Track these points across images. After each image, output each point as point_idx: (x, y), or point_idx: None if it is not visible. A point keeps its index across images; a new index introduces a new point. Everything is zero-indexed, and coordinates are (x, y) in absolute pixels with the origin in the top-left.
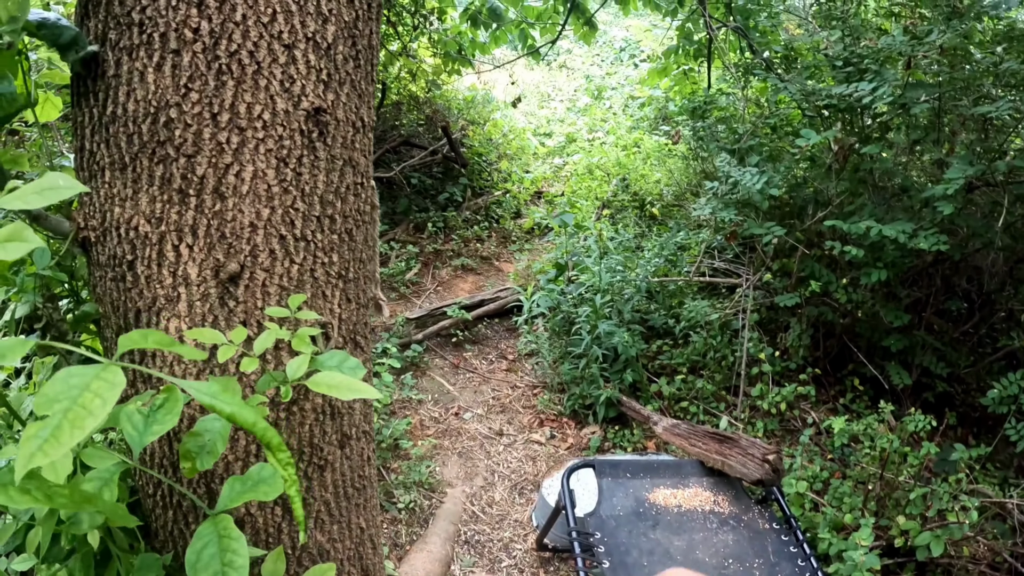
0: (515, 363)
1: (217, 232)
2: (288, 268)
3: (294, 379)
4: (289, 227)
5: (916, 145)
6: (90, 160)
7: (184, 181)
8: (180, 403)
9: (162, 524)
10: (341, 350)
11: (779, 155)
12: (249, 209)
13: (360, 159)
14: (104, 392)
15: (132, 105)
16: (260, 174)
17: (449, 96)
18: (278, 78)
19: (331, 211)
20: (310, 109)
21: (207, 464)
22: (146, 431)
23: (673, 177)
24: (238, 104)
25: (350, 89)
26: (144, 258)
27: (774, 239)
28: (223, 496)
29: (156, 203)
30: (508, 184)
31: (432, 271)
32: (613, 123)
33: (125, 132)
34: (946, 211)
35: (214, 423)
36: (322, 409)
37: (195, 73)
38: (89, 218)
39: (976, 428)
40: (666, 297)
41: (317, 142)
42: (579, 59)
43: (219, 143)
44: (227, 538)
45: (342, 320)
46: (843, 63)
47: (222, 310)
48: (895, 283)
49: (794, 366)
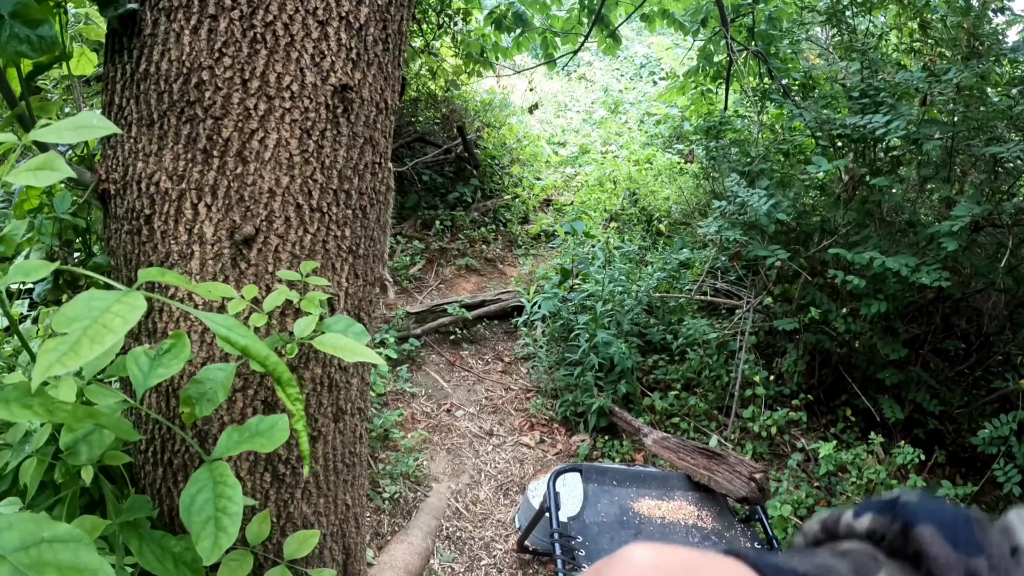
0: (511, 365)
1: (236, 194)
2: (301, 237)
3: (301, 337)
4: (306, 197)
5: (927, 182)
6: (118, 115)
7: (209, 142)
8: (187, 349)
9: (151, 481)
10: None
11: (789, 181)
12: (269, 175)
13: (380, 139)
14: (125, 313)
15: (165, 64)
16: (283, 142)
17: (467, 97)
18: (309, 52)
19: (348, 186)
20: (337, 85)
21: (207, 411)
22: (151, 373)
23: (683, 195)
24: (268, 73)
25: (377, 70)
26: (162, 213)
27: (777, 262)
28: (220, 444)
29: (179, 161)
30: (518, 189)
31: (436, 268)
32: (628, 137)
33: (156, 90)
34: (950, 247)
35: (217, 373)
36: (320, 380)
37: (230, 39)
38: (111, 170)
39: (964, 468)
40: (666, 313)
41: (341, 118)
42: (599, 71)
43: (247, 108)
44: (222, 484)
45: (348, 294)
46: (859, 94)
47: (233, 271)
48: (894, 317)
49: (788, 391)
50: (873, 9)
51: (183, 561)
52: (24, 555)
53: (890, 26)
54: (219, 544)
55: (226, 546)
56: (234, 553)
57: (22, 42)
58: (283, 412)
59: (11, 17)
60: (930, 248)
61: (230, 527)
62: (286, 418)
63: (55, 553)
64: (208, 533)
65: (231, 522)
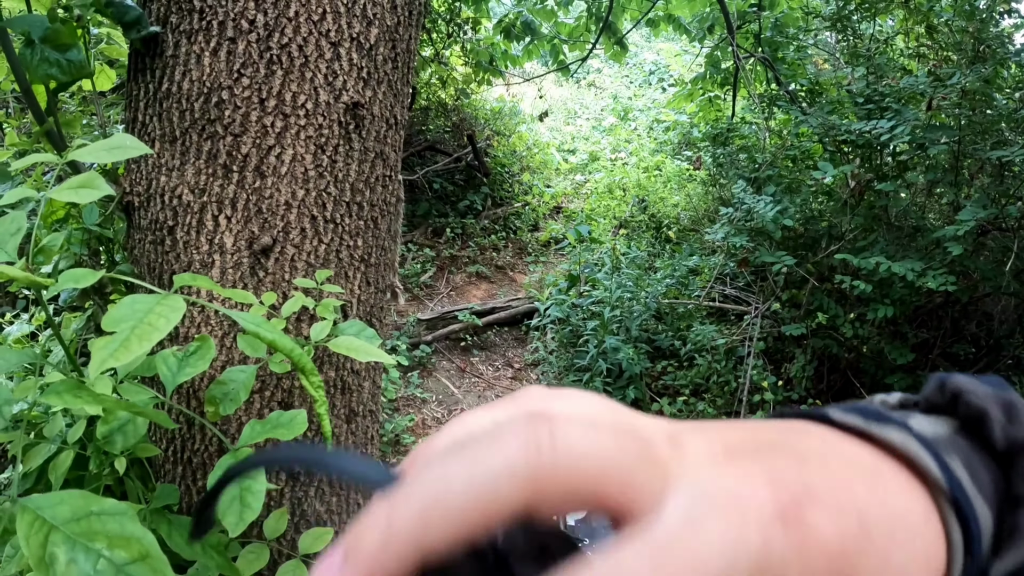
0: (521, 372)
1: (255, 207)
2: (316, 246)
3: (317, 340)
4: (321, 209)
5: (934, 187)
6: (141, 131)
7: (229, 157)
8: (212, 350)
9: (171, 479)
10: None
11: (797, 187)
12: (286, 189)
13: (391, 153)
14: (168, 313)
15: (187, 84)
16: (299, 158)
17: (477, 105)
18: (323, 72)
19: (360, 199)
20: (349, 103)
21: (229, 410)
22: (179, 372)
23: (691, 202)
24: (285, 92)
25: (387, 88)
26: (184, 224)
27: (785, 268)
28: (244, 434)
29: (201, 175)
30: (528, 197)
31: (447, 275)
32: (637, 144)
33: (178, 108)
34: (955, 251)
35: (239, 374)
36: (334, 383)
37: (248, 60)
38: (135, 184)
39: None
40: (674, 319)
41: (353, 134)
42: (608, 79)
43: (264, 126)
44: None
45: (361, 301)
46: (865, 100)
47: (252, 279)
48: (902, 321)
49: (796, 397)
50: (879, 14)
51: (209, 544)
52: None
53: (896, 31)
54: (244, 518)
55: (250, 519)
56: (252, 546)
57: (52, 65)
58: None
59: (41, 42)
60: (936, 252)
61: (254, 503)
62: (304, 412)
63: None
64: (234, 510)
65: (254, 499)
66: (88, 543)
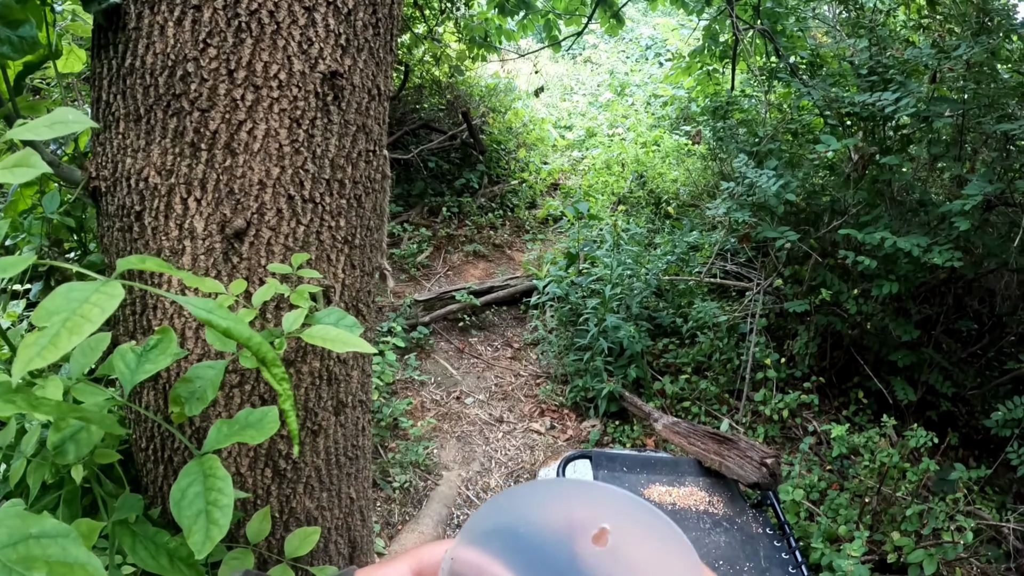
0: (520, 351)
1: (226, 188)
2: (294, 228)
3: (290, 331)
4: (298, 188)
5: (937, 161)
6: (105, 111)
7: (196, 135)
8: (173, 343)
9: (152, 479)
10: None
11: (798, 161)
12: (259, 167)
13: (374, 127)
14: (103, 303)
15: (150, 58)
16: (272, 133)
17: (471, 82)
18: (296, 39)
19: (341, 175)
20: (326, 72)
21: (196, 410)
22: (138, 369)
23: (691, 177)
24: (255, 62)
25: (368, 56)
26: (152, 209)
27: (787, 244)
28: (210, 437)
29: (167, 155)
30: (525, 174)
31: (443, 255)
32: (634, 120)
33: (142, 84)
34: (962, 227)
35: (206, 370)
36: (319, 374)
37: (214, 29)
38: (101, 168)
39: (978, 450)
40: (675, 296)
41: (331, 105)
42: (604, 54)
43: (234, 99)
44: (213, 477)
45: (345, 285)
46: (868, 71)
47: (226, 265)
48: (906, 298)
49: (799, 374)
50: None
51: (179, 557)
52: (12, 551)
53: (898, 2)
54: (211, 537)
55: (218, 538)
56: (235, 551)
57: (3, 43)
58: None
59: None
60: (942, 228)
61: (221, 519)
62: (276, 409)
63: (43, 548)
64: (199, 527)
65: (222, 514)
66: (25, 572)
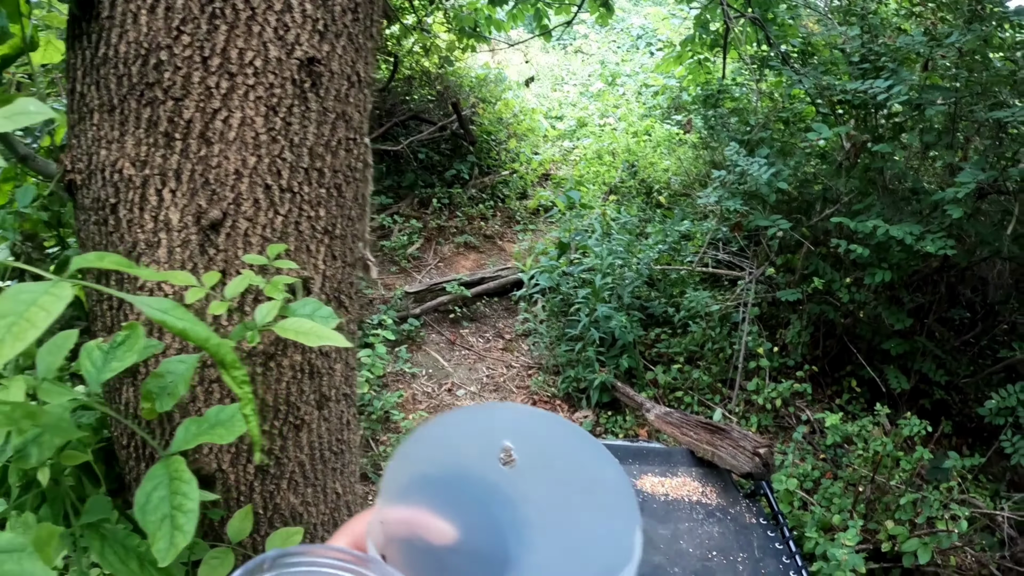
0: (512, 343)
1: (201, 178)
2: (272, 219)
3: (262, 324)
4: (275, 177)
5: (929, 149)
6: (80, 102)
7: (170, 124)
8: (141, 340)
9: (134, 476)
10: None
11: (790, 150)
12: (235, 156)
13: (354, 114)
14: (50, 305)
15: (124, 47)
16: (248, 121)
17: (461, 73)
18: (272, 25)
19: (320, 164)
20: (303, 59)
21: (167, 406)
22: (104, 367)
23: (682, 166)
24: (230, 49)
25: (347, 42)
26: (127, 201)
27: (779, 232)
28: (178, 437)
29: (141, 146)
30: (516, 164)
31: (434, 247)
32: (625, 109)
33: (115, 74)
34: (955, 214)
35: (178, 365)
36: (300, 367)
37: (188, 16)
38: (76, 160)
39: (971, 438)
40: (667, 285)
41: (309, 93)
42: (595, 44)
43: (208, 87)
44: (178, 480)
45: (326, 276)
46: (860, 59)
47: (202, 257)
48: (899, 286)
49: (792, 363)
50: None
51: (149, 560)
52: None
53: None
54: (175, 543)
55: (183, 545)
56: (216, 551)
57: None
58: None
59: None
60: (934, 216)
61: (186, 525)
62: (257, 418)
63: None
64: (164, 533)
65: (187, 520)
66: None
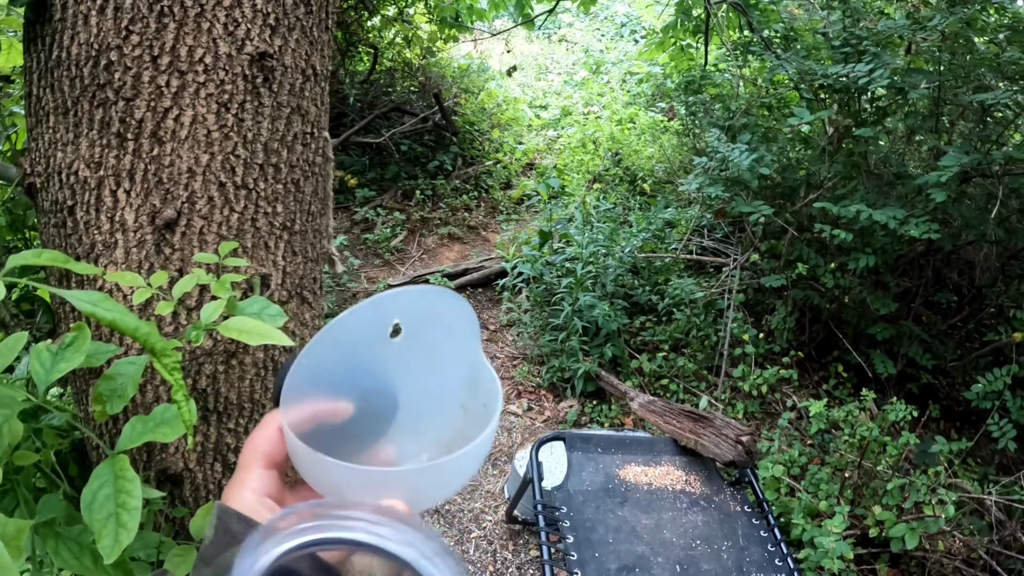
0: (496, 333)
1: (154, 177)
2: (227, 216)
3: (207, 324)
4: (229, 174)
5: (913, 133)
6: (36, 105)
7: (122, 125)
8: (88, 341)
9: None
10: (280, 303)
11: (773, 135)
12: (187, 154)
13: (311, 108)
14: None
15: (76, 49)
16: (200, 119)
17: (443, 64)
18: (221, 21)
19: (276, 160)
20: (254, 54)
21: (117, 408)
22: (53, 369)
23: (666, 154)
24: (179, 47)
25: (300, 35)
26: (83, 203)
27: (762, 218)
28: (124, 436)
29: (95, 147)
30: (499, 154)
31: (418, 238)
32: (610, 98)
33: (68, 76)
34: (939, 198)
35: (128, 367)
36: (263, 364)
37: (136, 15)
38: (35, 163)
39: (959, 422)
40: (651, 273)
41: (262, 88)
42: (579, 33)
43: (158, 86)
44: (123, 479)
45: (287, 273)
46: (841, 43)
47: (158, 257)
48: (884, 271)
49: (778, 349)
50: None
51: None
52: None
53: None
54: (119, 541)
55: (126, 542)
56: (178, 548)
57: None
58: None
59: None
60: (918, 200)
61: (130, 523)
62: (190, 404)
63: None
64: (109, 531)
65: (130, 517)
66: None
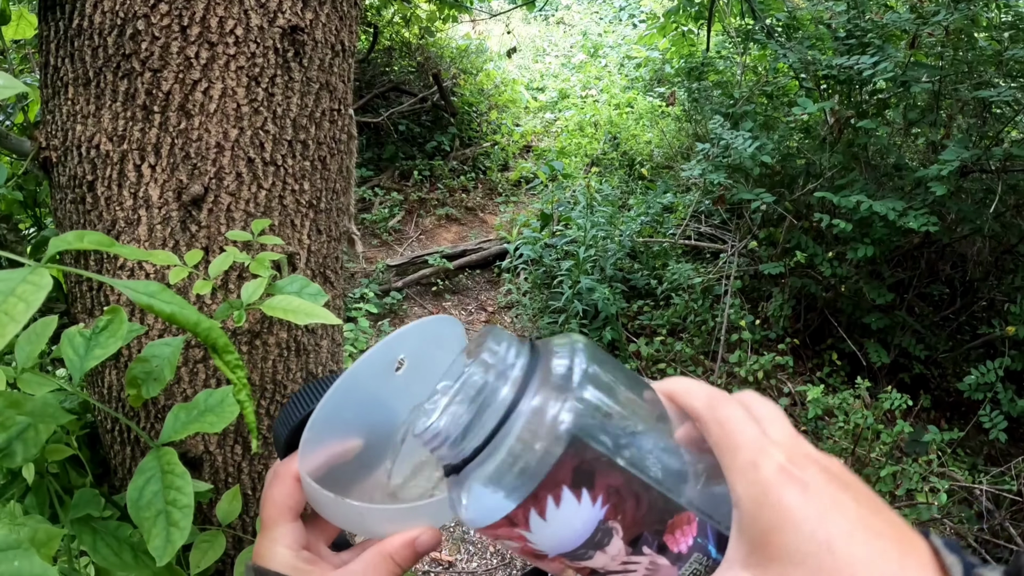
0: (494, 315)
1: (181, 152)
2: (255, 193)
3: (249, 303)
4: (258, 150)
5: (913, 126)
6: (54, 76)
7: (149, 97)
8: (124, 325)
9: (120, 461)
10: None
11: (774, 124)
12: (216, 129)
13: (338, 84)
14: (29, 296)
15: (99, 17)
16: (229, 92)
17: (442, 44)
18: None
19: (304, 136)
20: (286, 27)
21: (153, 392)
22: (87, 355)
23: (665, 139)
24: (209, 17)
25: (331, 9)
26: (104, 178)
27: (762, 206)
28: (167, 426)
29: (119, 120)
30: (497, 136)
31: (416, 219)
32: (608, 81)
33: (90, 45)
34: (938, 192)
35: (163, 348)
36: (286, 345)
37: None
38: (51, 137)
39: (950, 412)
40: (650, 258)
41: (292, 62)
42: (577, 15)
43: (187, 58)
44: (171, 474)
45: (311, 252)
46: (846, 35)
47: (184, 235)
48: (881, 261)
49: (774, 336)
50: None
51: (142, 550)
52: None
53: None
54: (172, 541)
55: (180, 542)
56: (206, 534)
57: None
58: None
59: None
60: (917, 192)
61: (182, 521)
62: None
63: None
64: (159, 530)
65: (183, 516)
66: None
